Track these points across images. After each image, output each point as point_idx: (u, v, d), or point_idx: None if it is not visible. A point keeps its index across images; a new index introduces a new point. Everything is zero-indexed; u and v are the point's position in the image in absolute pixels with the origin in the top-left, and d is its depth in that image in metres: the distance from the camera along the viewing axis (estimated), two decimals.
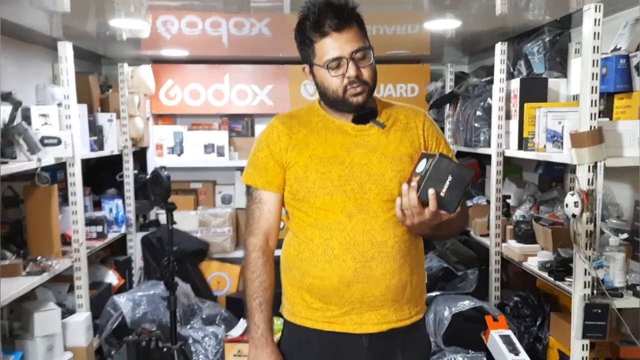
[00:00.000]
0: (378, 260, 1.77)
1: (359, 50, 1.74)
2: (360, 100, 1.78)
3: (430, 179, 1.58)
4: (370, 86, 1.79)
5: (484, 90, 3.63)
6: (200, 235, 4.39)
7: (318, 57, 1.78)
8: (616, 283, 2.39)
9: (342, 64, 1.75)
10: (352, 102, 1.78)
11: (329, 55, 1.75)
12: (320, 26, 1.74)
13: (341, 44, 1.73)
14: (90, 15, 3.01)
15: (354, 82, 1.75)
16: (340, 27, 1.73)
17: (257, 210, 1.90)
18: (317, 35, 1.76)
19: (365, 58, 1.77)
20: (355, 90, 1.76)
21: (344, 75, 1.75)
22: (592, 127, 2.27)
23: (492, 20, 3.17)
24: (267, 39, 3.63)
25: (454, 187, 1.59)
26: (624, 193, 2.71)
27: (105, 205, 3.99)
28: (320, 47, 1.76)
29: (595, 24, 2.24)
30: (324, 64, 1.76)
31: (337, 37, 1.73)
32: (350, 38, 1.74)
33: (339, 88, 1.77)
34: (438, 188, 1.58)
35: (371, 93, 1.82)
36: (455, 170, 1.59)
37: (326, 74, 1.77)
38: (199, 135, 4.52)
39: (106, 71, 4.61)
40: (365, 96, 1.78)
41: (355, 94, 1.77)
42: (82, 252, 3.22)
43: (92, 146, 3.57)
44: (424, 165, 1.63)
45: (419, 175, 1.62)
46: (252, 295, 1.88)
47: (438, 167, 1.58)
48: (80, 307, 3.22)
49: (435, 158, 1.59)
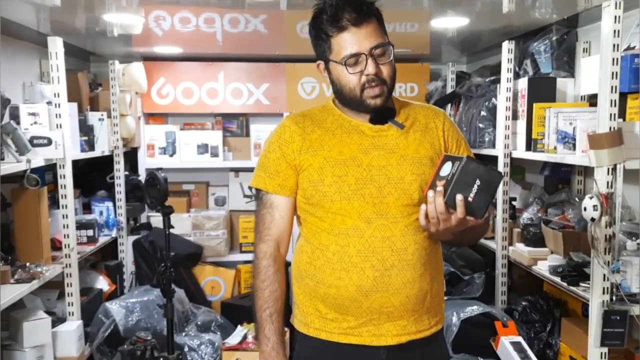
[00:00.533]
0: (398, 269, 1.68)
1: (379, 46, 1.65)
2: (378, 102, 1.69)
3: (457, 184, 1.49)
4: (389, 86, 1.70)
5: (487, 90, 3.55)
6: (194, 239, 4.27)
7: (335, 53, 1.69)
8: (634, 288, 2.31)
9: (361, 61, 1.65)
10: (369, 104, 1.69)
11: (346, 50, 1.65)
12: (338, 20, 1.65)
13: (360, 40, 1.64)
14: (80, 9, 2.90)
15: (373, 80, 1.66)
16: (359, 21, 1.64)
17: (268, 215, 1.80)
18: (335, 29, 1.66)
19: (385, 55, 1.68)
20: (373, 91, 1.67)
21: (362, 73, 1.66)
22: (612, 128, 2.19)
23: (497, 19, 3.11)
24: (263, 36, 3.54)
25: (482, 191, 1.49)
26: (634, 195, 2.63)
27: (96, 208, 3.85)
28: (337, 42, 1.67)
29: (615, 21, 2.16)
30: (342, 60, 1.66)
31: (356, 32, 1.64)
32: (369, 33, 1.65)
33: (356, 86, 1.68)
34: (466, 193, 1.48)
35: (390, 94, 1.73)
36: (483, 173, 1.49)
37: (343, 71, 1.68)
38: (192, 135, 4.40)
39: (95, 69, 4.48)
40: (384, 99, 1.70)
41: (373, 96, 1.68)
42: (73, 258, 3.09)
43: (82, 146, 3.43)
44: (449, 168, 1.53)
45: (444, 179, 1.52)
46: (263, 306, 1.78)
47: (466, 171, 1.48)
48: (71, 315, 3.09)
49: (463, 161, 1.49)
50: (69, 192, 3.08)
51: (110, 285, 3.78)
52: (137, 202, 4.13)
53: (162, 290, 2.86)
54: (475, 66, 4.39)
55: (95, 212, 3.83)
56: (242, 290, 4.31)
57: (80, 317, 3.13)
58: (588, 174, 3.12)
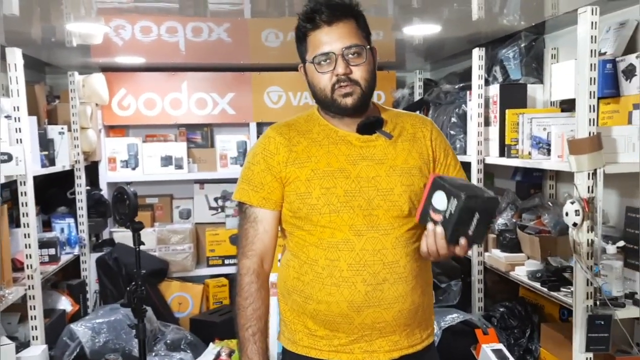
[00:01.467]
0: (390, 282, 1.64)
1: (352, 47, 1.61)
2: (349, 102, 1.63)
3: (457, 224, 1.46)
4: (363, 88, 1.64)
5: (457, 97, 3.55)
6: (159, 254, 4.14)
7: (309, 53, 1.65)
8: (615, 292, 2.32)
9: (332, 60, 1.61)
10: (340, 103, 1.64)
11: (318, 49, 1.62)
12: (312, 18, 1.62)
13: (332, 39, 1.61)
14: (37, 18, 2.77)
15: (343, 80, 1.61)
16: (332, 19, 1.61)
17: (252, 229, 1.72)
18: (309, 27, 1.63)
19: (359, 57, 1.63)
20: (344, 89, 1.62)
21: (332, 73, 1.62)
22: (591, 133, 2.20)
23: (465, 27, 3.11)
24: (227, 45, 3.48)
25: (480, 222, 1.47)
26: (610, 199, 2.65)
27: (56, 225, 3.69)
28: (311, 41, 1.64)
29: (592, 27, 2.16)
30: (312, 58, 1.62)
31: (329, 31, 1.61)
32: (343, 34, 1.61)
33: (326, 87, 1.64)
34: (466, 229, 1.47)
35: (365, 97, 1.67)
36: (481, 205, 1.47)
37: (315, 70, 1.64)
38: (155, 147, 4.28)
39: (51, 80, 4.32)
40: (356, 98, 1.64)
41: (343, 95, 1.63)
42: (36, 279, 2.94)
43: (43, 161, 3.29)
44: (444, 202, 1.48)
45: (439, 213, 1.48)
46: (245, 325, 1.70)
47: (465, 210, 1.44)
48: (35, 340, 2.93)
49: (461, 202, 1.43)
50: (31, 209, 2.94)
51: (74, 305, 3.62)
52: (99, 218, 3.98)
53: (133, 309, 2.74)
54: (440, 73, 4.40)
55: (56, 229, 3.67)
56: (211, 306, 4.20)
57: (44, 341, 2.98)
58: (560, 179, 3.14)
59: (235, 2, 2.64)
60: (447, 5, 2.69)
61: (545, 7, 2.74)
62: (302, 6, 1.67)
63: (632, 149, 2.27)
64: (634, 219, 2.41)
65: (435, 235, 1.50)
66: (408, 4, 2.69)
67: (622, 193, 2.65)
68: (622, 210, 2.58)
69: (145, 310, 2.79)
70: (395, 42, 3.54)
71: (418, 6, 2.72)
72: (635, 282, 2.40)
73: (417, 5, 2.71)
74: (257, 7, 2.76)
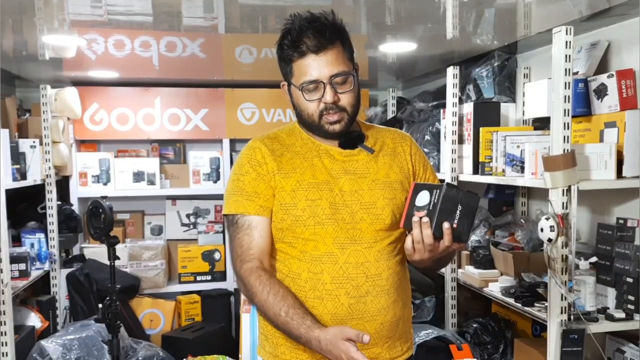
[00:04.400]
0: (373, 295, 1.65)
1: (339, 75, 1.61)
2: (337, 129, 1.65)
3: (441, 212, 1.48)
4: (350, 113, 1.66)
5: (430, 115, 3.60)
6: (130, 270, 4.09)
7: (295, 78, 1.65)
8: (588, 307, 2.36)
9: (320, 88, 1.61)
10: (327, 129, 1.65)
11: (305, 77, 1.61)
12: (298, 46, 1.60)
13: (320, 67, 1.60)
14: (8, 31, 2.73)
15: (331, 108, 1.62)
16: (319, 48, 1.59)
17: (246, 237, 1.67)
18: (295, 54, 1.62)
19: (346, 83, 1.63)
20: (332, 117, 1.63)
21: (320, 100, 1.62)
22: (565, 150, 2.25)
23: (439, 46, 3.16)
24: (201, 61, 3.49)
25: (464, 216, 1.50)
26: (581, 216, 2.71)
27: (26, 240, 3.62)
28: (297, 68, 1.63)
29: (566, 46, 2.22)
30: (300, 85, 1.62)
31: (315, 58, 1.60)
32: (330, 61, 1.60)
33: (314, 113, 1.64)
34: (450, 220, 1.48)
35: (351, 121, 1.68)
36: (463, 198, 1.50)
37: (302, 97, 1.64)
38: (127, 163, 4.24)
39: (21, 94, 4.25)
40: (344, 125, 1.66)
41: (331, 122, 1.64)
42: (7, 294, 2.88)
43: (14, 175, 3.22)
44: (427, 197, 1.52)
45: (423, 209, 1.52)
46: (276, 312, 1.58)
47: (447, 198, 1.48)
48: (5, 357, 2.86)
49: (443, 189, 1.49)
50: (3, 223, 2.88)
51: (43, 321, 3.54)
52: (70, 233, 3.92)
53: (108, 325, 2.69)
54: (411, 92, 4.46)
55: (26, 244, 3.60)
56: (183, 322, 4.16)
57: (15, 357, 2.91)
58: (532, 196, 3.20)
59: (209, 17, 2.65)
60: (421, 23, 2.74)
61: (518, 28, 2.81)
62: (284, 23, 1.65)
63: (605, 167, 2.33)
64: (606, 235, 2.46)
65: (422, 225, 1.50)
66: (382, 21, 2.72)
67: (593, 210, 2.71)
68: (593, 226, 2.64)
69: (119, 325, 2.74)
70: (369, 60, 3.57)
71: (392, 24, 2.76)
72: (607, 298, 2.45)
73: (391, 23, 2.75)
74: (231, 22, 2.76)
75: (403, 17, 2.67)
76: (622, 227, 2.39)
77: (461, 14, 2.57)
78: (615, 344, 2.47)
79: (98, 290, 3.72)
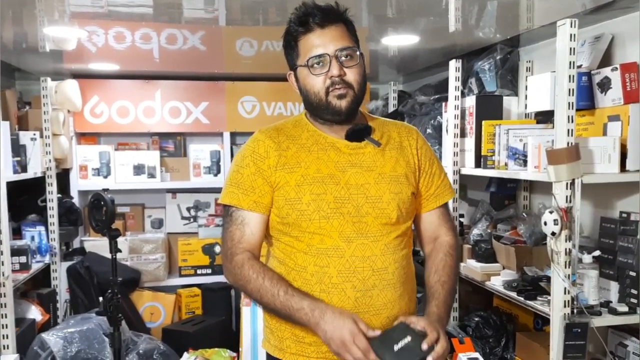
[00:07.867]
0: (379, 289, 1.66)
1: (345, 49, 1.63)
2: (343, 104, 1.64)
3: None
4: (356, 91, 1.66)
5: (432, 109, 3.59)
6: (131, 263, 4.09)
7: (301, 57, 1.67)
8: (591, 301, 2.36)
9: (325, 63, 1.63)
10: (335, 105, 1.64)
11: (311, 52, 1.63)
12: (304, 22, 1.64)
13: (325, 41, 1.63)
14: (9, 22, 2.72)
15: (338, 82, 1.63)
16: (325, 22, 1.63)
17: (238, 231, 1.69)
18: (301, 30, 1.65)
19: (352, 59, 1.65)
20: (338, 91, 1.63)
21: (326, 75, 1.63)
22: (569, 144, 2.24)
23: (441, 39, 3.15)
24: (202, 53, 3.47)
25: None
26: (584, 210, 2.71)
27: (27, 232, 3.61)
28: (303, 45, 1.65)
29: (570, 39, 2.21)
30: (306, 61, 1.64)
31: (321, 33, 1.63)
32: (335, 36, 1.64)
33: (321, 90, 1.65)
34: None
35: (357, 101, 1.68)
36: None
37: (309, 74, 1.65)
38: (128, 156, 4.23)
39: (20, 86, 4.24)
40: (350, 101, 1.65)
41: (338, 96, 1.63)
42: (8, 287, 2.87)
43: (15, 167, 3.21)
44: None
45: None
46: (274, 294, 1.59)
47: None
48: (6, 349, 2.85)
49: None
50: (4, 216, 2.87)
51: (44, 314, 3.54)
52: (70, 226, 3.91)
53: (109, 318, 2.69)
54: (412, 86, 4.45)
55: (27, 237, 3.59)
56: (183, 316, 4.16)
57: (16, 350, 2.90)
58: (534, 190, 3.20)
59: (210, 9, 2.63)
60: (423, 16, 2.72)
61: (521, 21, 2.80)
62: (291, 13, 1.68)
63: (608, 160, 2.32)
64: (609, 229, 2.46)
65: None
66: (383, 14, 2.71)
67: (596, 204, 2.71)
68: (596, 220, 2.63)
69: (121, 318, 2.74)
70: (370, 53, 3.56)
71: (394, 16, 2.75)
72: (609, 291, 2.45)
73: (393, 16, 2.74)
74: (232, 15, 2.74)
75: (405, 10, 2.66)
76: (625, 220, 2.39)
77: (464, 6, 2.56)
78: (618, 337, 2.48)
79: (98, 283, 3.72)
